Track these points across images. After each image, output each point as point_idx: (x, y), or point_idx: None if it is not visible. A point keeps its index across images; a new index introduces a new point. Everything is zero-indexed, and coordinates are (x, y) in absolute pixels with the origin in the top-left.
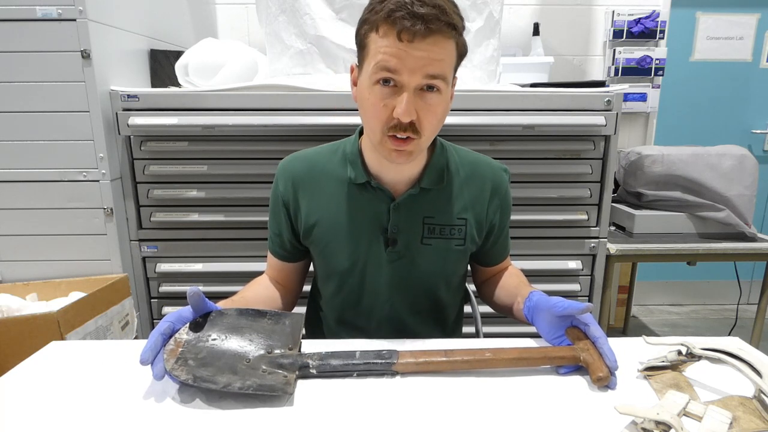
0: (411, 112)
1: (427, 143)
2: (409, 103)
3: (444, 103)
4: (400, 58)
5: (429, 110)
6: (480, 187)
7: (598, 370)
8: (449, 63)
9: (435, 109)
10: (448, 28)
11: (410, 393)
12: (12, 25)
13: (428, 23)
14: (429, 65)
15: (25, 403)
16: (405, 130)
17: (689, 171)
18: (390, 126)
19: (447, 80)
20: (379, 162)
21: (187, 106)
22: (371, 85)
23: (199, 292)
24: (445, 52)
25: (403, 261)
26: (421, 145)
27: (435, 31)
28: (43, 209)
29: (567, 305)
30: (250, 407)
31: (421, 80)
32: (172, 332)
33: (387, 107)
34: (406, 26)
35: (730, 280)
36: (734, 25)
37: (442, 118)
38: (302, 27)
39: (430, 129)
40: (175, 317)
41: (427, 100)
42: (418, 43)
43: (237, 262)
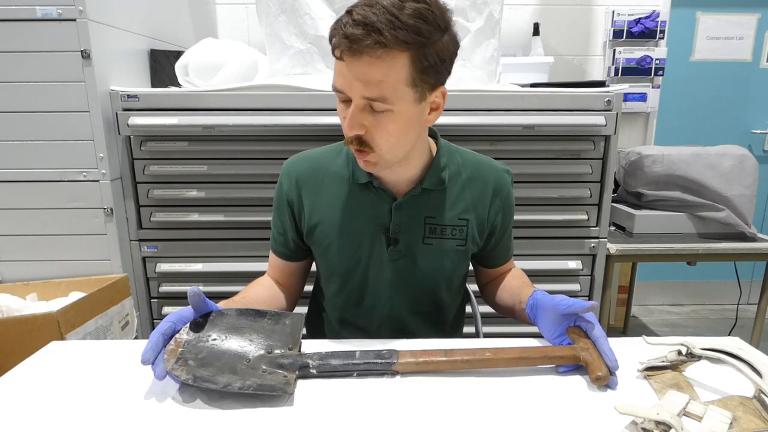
0: (354, 126)
1: (390, 156)
2: (352, 118)
3: (401, 120)
4: (341, 75)
5: (379, 126)
6: (482, 189)
7: (597, 370)
8: (392, 82)
9: (385, 126)
10: (377, 47)
11: (410, 393)
12: (12, 25)
13: (353, 43)
14: (364, 87)
15: (25, 403)
16: (352, 143)
17: (689, 171)
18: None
19: (390, 101)
20: None
21: (187, 106)
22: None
23: (200, 292)
24: (383, 71)
25: (405, 261)
26: (382, 157)
27: (365, 51)
28: (43, 209)
29: (571, 303)
30: (250, 407)
31: (360, 100)
32: (173, 332)
33: (344, 119)
34: (338, 45)
35: (730, 280)
36: (734, 25)
37: (401, 134)
38: (302, 27)
39: (386, 144)
40: (176, 317)
41: (376, 116)
42: (353, 61)
43: (237, 262)
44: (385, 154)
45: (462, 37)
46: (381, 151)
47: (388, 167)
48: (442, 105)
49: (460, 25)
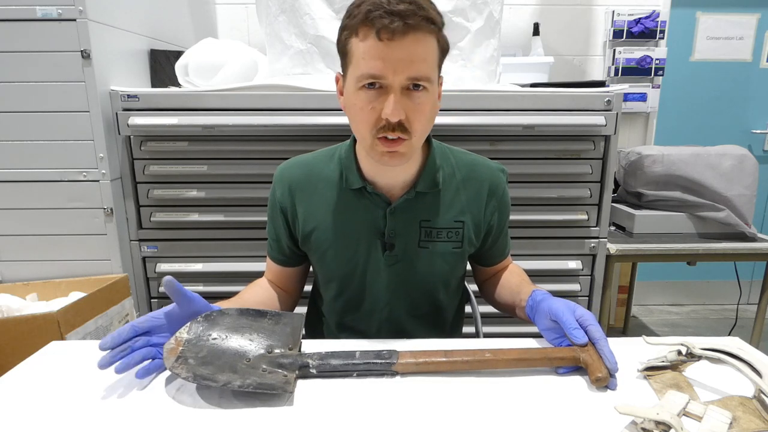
0: (399, 111)
1: (418, 143)
2: (397, 103)
3: (432, 101)
4: (383, 59)
5: (417, 109)
6: (477, 189)
7: (597, 371)
8: (432, 62)
9: (423, 107)
10: (427, 23)
11: (410, 393)
12: (12, 25)
13: (406, 19)
14: (411, 67)
15: (25, 403)
16: (394, 130)
17: (689, 171)
18: (379, 128)
19: (431, 80)
20: (373, 167)
21: (187, 106)
22: (357, 90)
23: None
24: (428, 50)
25: (401, 265)
26: (413, 145)
27: (414, 26)
28: (43, 209)
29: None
30: (250, 407)
31: (406, 81)
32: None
33: (375, 110)
34: (384, 24)
35: (730, 280)
36: (734, 25)
37: (432, 116)
38: (302, 27)
39: (420, 128)
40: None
41: (414, 99)
42: (398, 41)
43: (237, 262)
44: (417, 140)
45: (462, 37)
46: (416, 136)
47: (410, 158)
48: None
49: (460, 25)
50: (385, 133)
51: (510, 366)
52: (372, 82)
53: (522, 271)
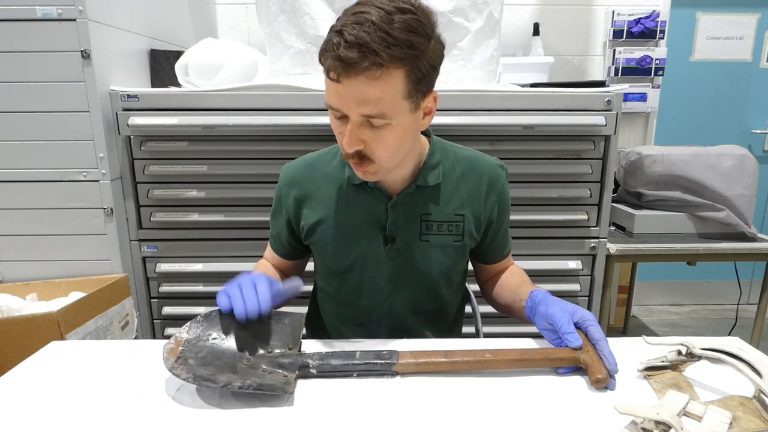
0: (353, 143)
1: (389, 165)
2: (352, 135)
3: (398, 132)
4: (336, 94)
5: (378, 140)
6: (476, 183)
7: (597, 372)
8: (391, 98)
9: (385, 138)
10: (375, 68)
11: (410, 393)
12: (12, 25)
13: (350, 66)
14: (362, 105)
15: (25, 403)
16: (353, 158)
17: (689, 171)
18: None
19: (388, 116)
20: None
21: (187, 106)
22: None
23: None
24: (381, 89)
25: (402, 259)
26: (382, 167)
27: (361, 71)
28: (43, 209)
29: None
30: (250, 407)
31: (359, 117)
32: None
33: (341, 134)
34: (332, 66)
35: (730, 280)
36: (734, 25)
37: (399, 144)
38: (302, 27)
39: (385, 156)
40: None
41: (374, 131)
42: (348, 81)
43: (237, 262)
44: (384, 163)
45: (462, 37)
46: (381, 161)
47: (387, 174)
48: (435, 108)
49: (460, 25)
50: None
51: (510, 366)
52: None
53: (523, 272)
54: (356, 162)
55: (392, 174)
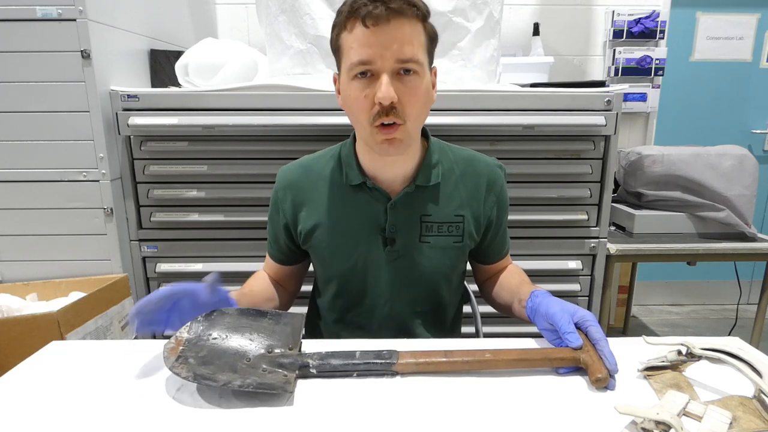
0: (390, 94)
1: (414, 129)
2: (388, 86)
3: (424, 86)
4: (370, 45)
5: (409, 93)
6: (475, 184)
7: (597, 372)
8: (419, 45)
9: (415, 91)
10: (410, 7)
11: (410, 393)
12: (12, 25)
13: (388, 3)
14: (398, 49)
15: (25, 403)
16: (388, 114)
17: (689, 171)
18: (374, 114)
19: (421, 63)
20: (374, 162)
21: (187, 106)
22: (350, 81)
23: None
24: (413, 33)
25: (402, 260)
26: (408, 131)
27: (397, 11)
28: (43, 209)
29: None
30: (250, 407)
31: (395, 64)
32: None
33: (368, 97)
34: (369, 11)
35: (730, 280)
36: (734, 25)
37: (425, 102)
38: (302, 27)
39: (414, 113)
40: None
41: (405, 83)
42: (383, 26)
43: (237, 262)
44: (412, 125)
45: (462, 37)
46: (410, 120)
47: (408, 146)
48: (436, 84)
49: (460, 25)
50: (381, 119)
51: (510, 366)
52: (363, 70)
53: (522, 271)
54: (385, 126)
55: (393, 171)
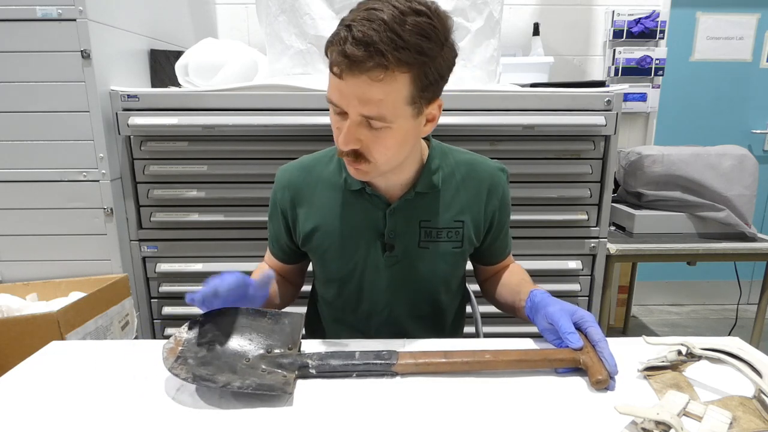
0: (349, 142)
1: (386, 167)
2: (349, 134)
3: (396, 138)
4: (338, 90)
5: (376, 141)
6: (477, 188)
7: (597, 373)
8: (393, 101)
9: (383, 141)
10: (380, 69)
11: (410, 394)
12: (12, 25)
13: (354, 65)
14: (362, 105)
15: (25, 403)
16: (348, 156)
17: (689, 171)
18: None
19: (387, 120)
20: None
21: (187, 106)
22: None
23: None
24: (384, 91)
25: (401, 265)
26: (377, 168)
27: (365, 71)
28: (43, 209)
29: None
30: (250, 407)
31: (358, 117)
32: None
33: (339, 130)
34: (336, 61)
35: (730, 280)
36: (734, 25)
37: (398, 149)
38: (302, 27)
39: (382, 158)
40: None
41: (374, 132)
42: (351, 78)
43: (237, 262)
44: (379, 165)
45: (462, 37)
46: (376, 163)
47: (381, 176)
48: (438, 116)
49: (460, 25)
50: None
51: (510, 367)
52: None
53: (523, 270)
54: (350, 159)
55: (391, 179)
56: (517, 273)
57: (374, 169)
